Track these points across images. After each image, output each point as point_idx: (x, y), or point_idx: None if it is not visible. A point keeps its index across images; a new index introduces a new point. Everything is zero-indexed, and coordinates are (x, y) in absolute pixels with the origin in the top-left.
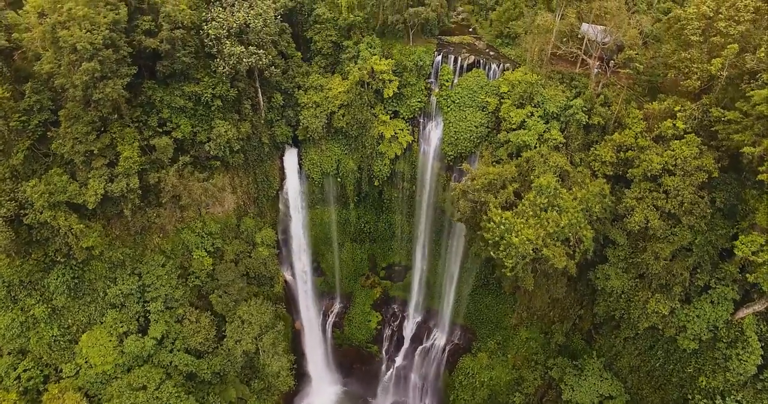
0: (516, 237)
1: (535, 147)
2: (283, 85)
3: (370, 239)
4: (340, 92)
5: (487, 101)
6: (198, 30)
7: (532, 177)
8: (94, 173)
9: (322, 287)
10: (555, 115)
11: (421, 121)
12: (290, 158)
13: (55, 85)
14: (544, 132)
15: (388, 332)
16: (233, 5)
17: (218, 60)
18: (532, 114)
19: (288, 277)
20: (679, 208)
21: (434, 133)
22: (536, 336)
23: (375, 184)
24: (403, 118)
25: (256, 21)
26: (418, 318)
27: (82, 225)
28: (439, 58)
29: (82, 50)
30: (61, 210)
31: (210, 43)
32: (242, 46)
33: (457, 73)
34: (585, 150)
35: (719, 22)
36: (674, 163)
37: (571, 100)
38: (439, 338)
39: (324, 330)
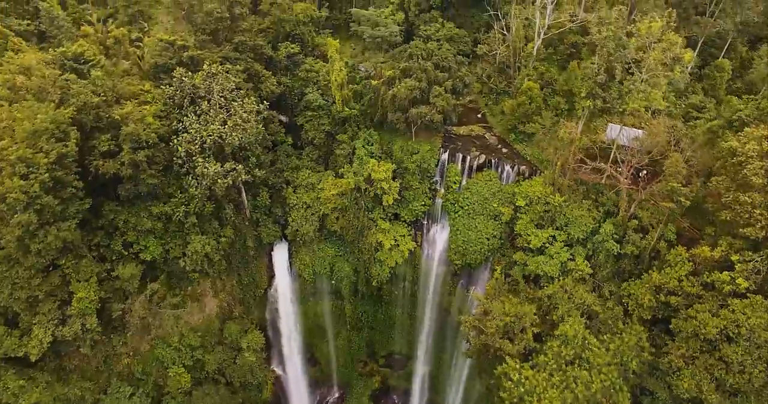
0: (538, 402)
1: (558, 277)
2: (271, 180)
3: (369, 327)
4: (333, 195)
5: (500, 211)
6: (168, 142)
7: (554, 317)
8: (40, 319)
9: (317, 376)
10: (580, 241)
11: (425, 223)
12: (280, 254)
13: None
14: (568, 260)
15: None
16: (208, 112)
17: (190, 178)
18: (554, 238)
19: (279, 372)
20: (745, 384)
21: (439, 236)
22: None
23: (373, 283)
24: (404, 221)
25: (234, 134)
26: None
27: (21, 382)
28: (446, 155)
29: (14, 202)
30: None
31: (179, 160)
32: (217, 163)
33: (466, 173)
34: (615, 279)
35: None
36: (736, 331)
37: (599, 223)
38: None
39: None
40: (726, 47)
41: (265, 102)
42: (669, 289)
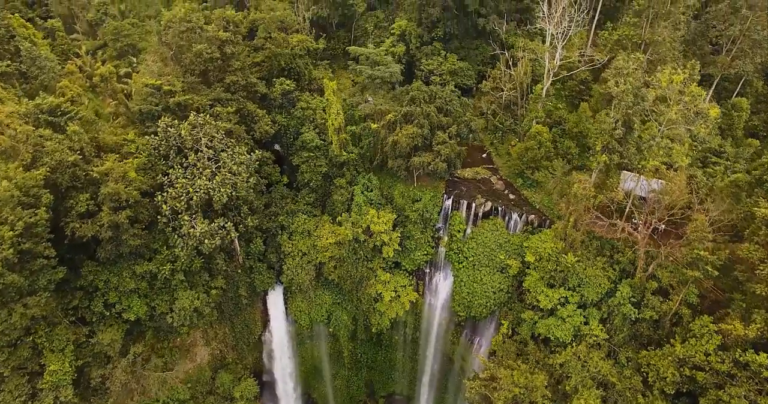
0: None
1: (571, 342)
2: (265, 225)
3: (368, 367)
4: (330, 243)
5: (507, 264)
6: (152, 196)
7: (567, 387)
8: (5, 397)
9: None
10: (595, 303)
11: (428, 271)
12: (275, 299)
13: None
14: (581, 324)
15: None
16: (195, 165)
17: (176, 237)
18: (567, 300)
19: None
20: None
21: (443, 285)
22: None
23: (372, 330)
24: (405, 270)
25: (222, 190)
26: None
27: None
28: (449, 202)
29: None
30: None
31: (164, 218)
32: (205, 221)
33: (471, 220)
34: (632, 343)
35: None
36: None
37: (615, 284)
38: None
39: None
40: (741, 82)
41: (257, 151)
42: (695, 363)
